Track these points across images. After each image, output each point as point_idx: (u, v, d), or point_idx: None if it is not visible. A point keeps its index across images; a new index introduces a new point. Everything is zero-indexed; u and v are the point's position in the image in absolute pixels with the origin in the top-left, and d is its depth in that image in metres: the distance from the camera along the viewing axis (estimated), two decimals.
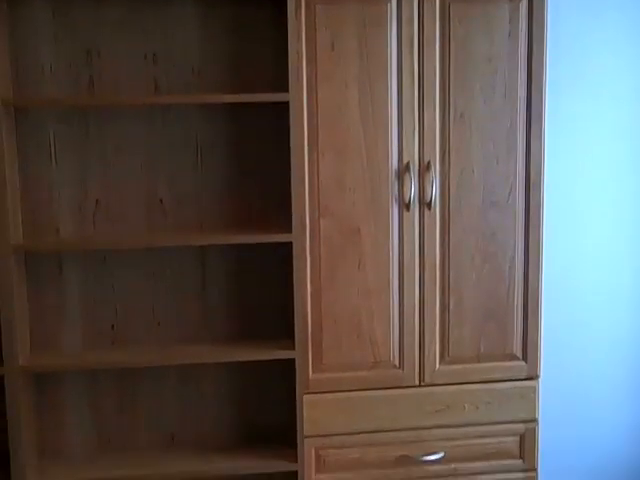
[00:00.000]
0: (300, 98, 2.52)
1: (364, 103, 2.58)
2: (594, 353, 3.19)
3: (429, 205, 2.64)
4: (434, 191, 2.64)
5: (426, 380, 2.72)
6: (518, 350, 2.75)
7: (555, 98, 2.88)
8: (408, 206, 2.63)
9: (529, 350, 2.74)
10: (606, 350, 3.20)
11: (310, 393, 2.65)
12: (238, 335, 2.73)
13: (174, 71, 2.61)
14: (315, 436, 2.67)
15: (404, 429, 2.72)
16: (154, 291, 2.69)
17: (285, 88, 2.48)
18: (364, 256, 2.63)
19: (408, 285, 2.66)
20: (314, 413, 2.66)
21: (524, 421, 2.77)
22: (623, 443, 3.26)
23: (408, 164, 2.62)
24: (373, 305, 2.65)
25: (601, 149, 3.09)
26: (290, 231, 2.51)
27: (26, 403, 2.54)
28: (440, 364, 2.72)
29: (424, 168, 2.63)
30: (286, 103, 2.48)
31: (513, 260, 2.71)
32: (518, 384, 2.76)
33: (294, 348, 2.56)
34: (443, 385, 2.73)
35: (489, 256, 2.70)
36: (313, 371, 2.65)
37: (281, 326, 2.69)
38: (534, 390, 2.76)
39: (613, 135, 3.09)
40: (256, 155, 2.67)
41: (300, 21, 2.49)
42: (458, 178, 2.65)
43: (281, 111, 2.53)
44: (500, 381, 2.75)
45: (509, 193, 2.68)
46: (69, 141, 2.60)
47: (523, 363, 2.75)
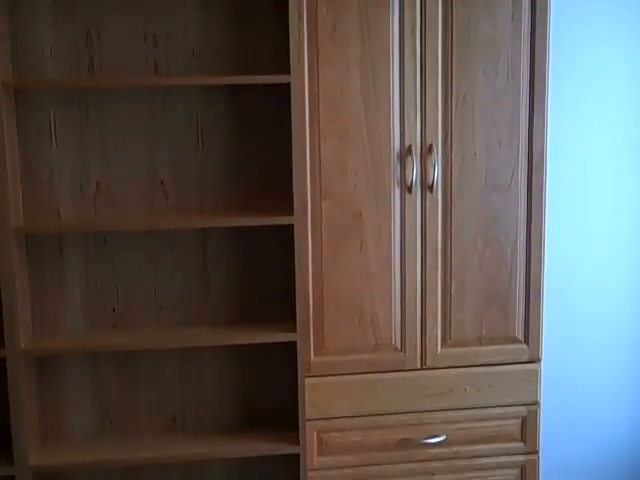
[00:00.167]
0: (301, 80, 2.51)
1: (366, 86, 2.56)
2: (595, 337, 3.19)
3: (431, 188, 2.63)
4: (436, 174, 2.63)
5: (428, 363, 2.72)
6: (520, 333, 2.74)
7: (558, 81, 2.86)
8: (410, 189, 2.62)
9: (531, 333, 2.74)
10: (607, 333, 3.20)
11: (312, 376, 2.65)
12: (239, 318, 2.72)
13: (174, 53, 2.58)
14: (317, 419, 2.68)
15: (406, 412, 2.72)
16: (155, 274, 2.68)
17: (286, 70, 2.46)
18: (366, 239, 2.62)
19: (410, 268, 2.66)
20: (316, 396, 2.66)
21: (526, 404, 2.77)
22: (624, 428, 3.27)
23: (410, 147, 2.61)
24: (375, 288, 2.65)
25: (604, 132, 3.08)
26: (292, 214, 2.50)
27: (28, 386, 2.54)
28: (442, 347, 2.72)
29: (426, 151, 2.62)
30: (287, 85, 2.46)
31: (515, 243, 2.70)
32: (520, 367, 2.76)
33: (295, 331, 2.56)
34: (445, 368, 2.73)
35: (491, 239, 2.69)
36: (315, 354, 2.65)
37: (283, 309, 2.69)
38: (536, 373, 2.76)
39: (616, 118, 3.08)
40: (257, 138, 2.65)
41: (301, 3, 2.48)
42: (460, 161, 2.64)
43: (282, 94, 2.51)
44: (502, 364, 2.75)
45: (511, 176, 2.67)
46: (69, 123, 2.59)
47: (525, 346, 2.75)
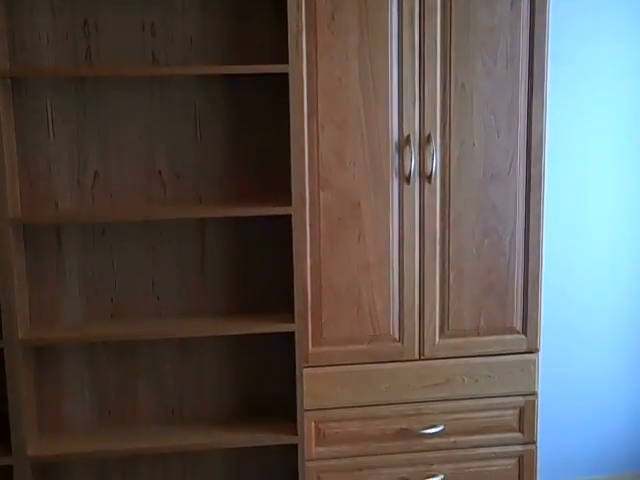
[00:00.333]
0: (300, 70, 2.50)
1: (364, 75, 2.55)
2: (594, 327, 3.19)
3: (429, 178, 2.62)
4: (434, 164, 2.62)
5: (426, 353, 2.72)
6: (518, 324, 2.74)
7: (557, 70, 2.86)
8: (408, 179, 2.62)
9: (529, 324, 2.74)
10: (606, 323, 3.20)
11: (310, 367, 2.65)
12: (237, 308, 2.72)
13: (172, 43, 2.58)
14: (315, 409, 2.68)
15: (404, 402, 2.72)
16: (153, 264, 2.68)
17: (285, 60, 2.45)
18: (364, 229, 2.62)
19: (408, 258, 2.65)
20: (314, 386, 2.66)
21: (523, 394, 2.77)
22: (622, 418, 3.28)
23: (408, 137, 2.60)
24: (373, 278, 2.65)
25: (603, 122, 3.07)
26: (290, 204, 2.50)
27: (26, 376, 2.54)
28: (440, 337, 2.72)
29: (424, 141, 2.61)
30: (285, 75, 2.45)
31: (513, 234, 2.70)
32: (518, 357, 2.76)
33: (293, 321, 2.56)
34: (443, 359, 2.73)
35: (489, 229, 2.69)
36: (313, 344, 2.65)
37: (281, 299, 2.68)
38: (534, 363, 2.76)
39: (615, 108, 3.07)
40: (256, 128, 2.65)
41: None
42: (459, 151, 2.63)
43: (281, 84, 2.50)
44: (500, 354, 2.75)
45: (510, 166, 2.66)
46: (67, 113, 2.58)
47: (523, 336, 2.75)
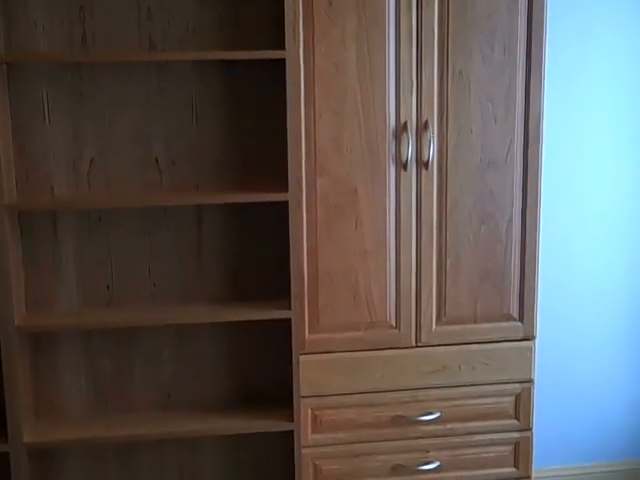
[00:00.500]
0: (296, 56, 2.49)
1: (361, 62, 2.54)
2: (591, 314, 3.20)
3: (426, 165, 2.62)
4: (432, 151, 2.61)
5: (422, 340, 2.72)
6: (515, 311, 2.74)
7: (555, 56, 2.85)
8: (405, 166, 2.61)
9: (525, 311, 2.74)
10: (604, 310, 3.20)
11: (306, 353, 2.65)
12: (234, 295, 2.72)
13: (169, 28, 2.56)
14: (311, 396, 2.68)
15: (400, 389, 2.73)
16: (150, 251, 2.67)
17: (282, 46, 2.44)
18: (361, 216, 2.61)
19: (405, 245, 2.65)
20: (310, 374, 2.66)
21: (520, 381, 2.78)
22: (619, 406, 3.28)
23: (406, 123, 2.59)
24: (370, 265, 2.64)
25: (601, 108, 3.06)
26: (287, 190, 2.49)
27: (22, 363, 2.54)
28: (436, 324, 2.72)
29: (422, 127, 2.61)
30: (283, 61, 2.44)
31: (510, 221, 2.70)
32: (514, 345, 2.76)
33: (290, 308, 2.56)
34: (440, 346, 2.73)
35: (486, 216, 2.69)
36: (309, 331, 2.65)
37: (277, 286, 2.68)
38: (530, 350, 2.77)
39: (614, 95, 3.06)
40: (252, 114, 2.63)
41: None
42: (456, 138, 2.63)
43: (278, 70, 2.49)
44: (496, 342, 2.75)
45: (507, 153, 2.66)
46: (63, 99, 2.56)
47: (519, 324, 2.75)
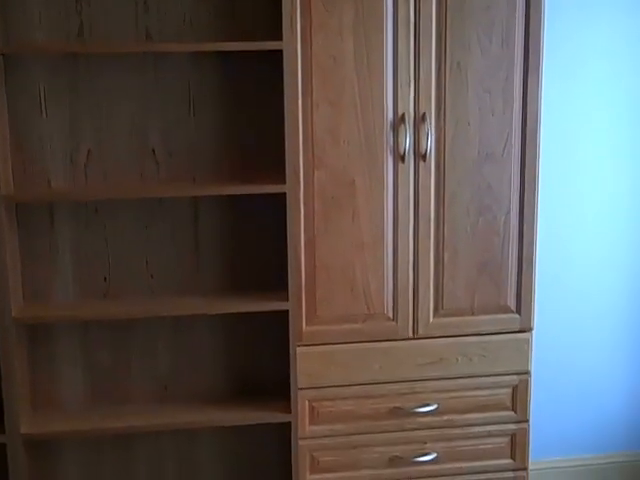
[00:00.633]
0: (294, 47, 2.48)
1: (359, 53, 2.54)
2: (589, 306, 3.20)
3: (424, 157, 2.62)
4: (429, 143, 2.61)
5: (420, 333, 2.72)
6: (512, 303, 2.75)
7: (553, 49, 2.84)
8: (403, 158, 2.61)
9: (523, 303, 2.74)
10: (602, 304, 3.21)
11: (304, 345, 2.65)
12: (231, 287, 2.72)
13: (166, 19, 2.55)
14: (309, 388, 2.68)
15: (397, 381, 2.73)
16: (147, 243, 2.67)
17: (279, 37, 2.43)
18: (358, 208, 2.61)
19: (402, 237, 2.65)
20: (308, 365, 2.66)
21: (517, 373, 2.78)
22: (616, 398, 3.29)
23: (403, 115, 2.59)
24: (367, 257, 2.64)
25: (600, 101, 3.06)
26: (284, 182, 2.49)
27: (19, 355, 2.54)
28: (434, 317, 2.72)
29: (419, 120, 2.60)
30: (280, 52, 2.44)
31: (508, 213, 2.69)
32: (511, 337, 2.76)
33: (287, 300, 2.56)
34: (437, 338, 2.73)
35: (484, 209, 2.68)
36: (307, 323, 2.65)
37: (275, 278, 2.68)
38: (527, 342, 2.77)
39: (613, 87, 3.06)
40: (250, 105, 2.63)
41: None
42: (453, 130, 2.62)
43: (275, 61, 2.49)
44: (494, 334, 2.75)
45: (505, 146, 2.66)
46: (60, 91, 2.55)
47: (517, 316, 2.76)
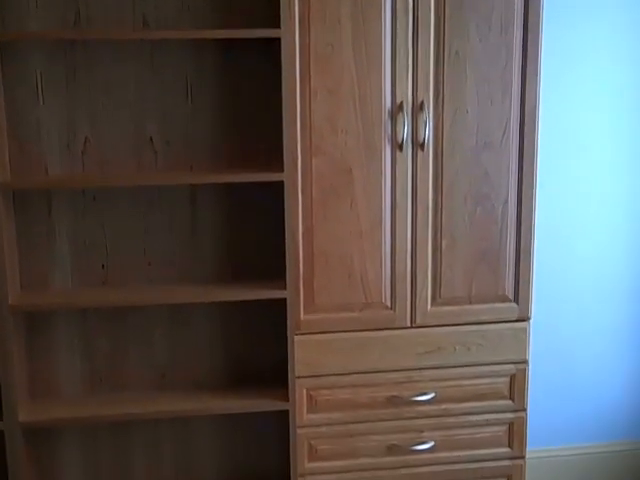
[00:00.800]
0: (292, 34, 2.47)
1: (357, 41, 2.53)
2: (587, 294, 3.21)
3: (422, 146, 2.61)
4: (427, 132, 2.61)
5: (417, 321, 2.72)
6: (510, 292, 2.75)
7: (552, 37, 2.84)
8: (401, 147, 2.60)
9: (521, 292, 2.74)
10: (603, 293, 3.21)
11: (301, 334, 2.65)
12: (229, 275, 2.72)
13: (164, 6, 2.54)
14: (306, 376, 2.68)
15: (395, 370, 2.73)
16: (145, 231, 2.66)
17: (277, 25, 2.42)
18: (356, 196, 2.61)
19: (400, 226, 2.65)
20: (305, 354, 2.66)
21: (514, 362, 2.78)
22: (615, 387, 3.30)
23: (401, 104, 2.58)
24: (365, 246, 2.64)
25: (598, 90, 3.06)
26: (282, 170, 2.48)
27: (17, 342, 2.54)
28: (432, 305, 2.72)
29: (417, 108, 2.60)
30: (278, 40, 2.43)
31: (506, 202, 2.69)
32: (509, 325, 2.76)
33: (285, 288, 2.56)
34: (435, 326, 2.73)
35: (482, 198, 2.68)
36: (305, 312, 2.65)
37: (273, 266, 2.67)
38: (525, 331, 2.77)
39: (613, 76, 3.05)
40: (248, 93, 2.63)
41: None
42: (452, 118, 2.62)
43: (273, 49, 2.48)
44: (491, 322, 2.75)
45: (503, 134, 2.65)
46: (56, 79, 2.55)
47: (515, 305, 2.76)
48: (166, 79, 2.60)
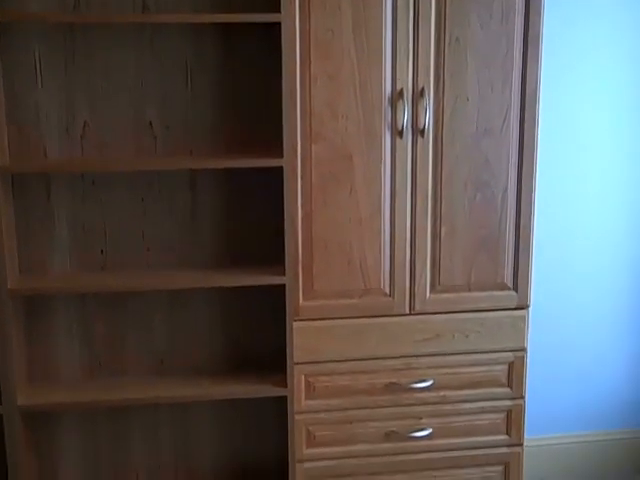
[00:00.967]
0: (292, 19, 2.46)
1: (358, 27, 2.52)
2: (587, 282, 3.21)
3: (422, 132, 2.61)
4: (427, 118, 2.60)
5: (416, 308, 2.72)
6: (509, 280, 2.74)
7: (552, 23, 2.82)
8: (401, 133, 2.60)
9: (520, 280, 2.74)
10: (601, 282, 3.21)
11: (300, 320, 2.65)
12: (228, 261, 2.72)
13: None
14: (305, 363, 2.68)
15: (394, 357, 2.73)
16: (144, 216, 2.66)
17: (278, 9, 2.41)
18: (356, 183, 2.60)
19: (400, 213, 2.64)
20: (304, 340, 2.66)
21: (513, 350, 2.78)
22: (614, 375, 3.31)
23: (402, 90, 2.57)
24: (364, 232, 2.64)
25: (599, 77, 3.05)
26: (281, 156, 2.48)
27: (15, 327, 2.54)
28: (431, 293, 2.72)
29: (418, 95, 2.59)
30: (278, 25, 2.42)
31: (506, 190, 2.69)
32: (508, 313, 2.76)
33: (284, 274, 2.55)
34: (433, 314, 2.73)
35: (482, 185, 2.68)
36: (303, 298, 2.65)
37: (272, 252, 2.67)
38: (523, 320, 2.77)
39: (612, 63, 3.04)
40: (247, 78, 2.62)
41: None
42: (452, 105, 2.61)
43: (273, 34, 2.47)
44: (490, 310, 2.76)
45: (504, 121, 2.64)
46: (55, 63, 2.54)
47: (513, 293, 2.76)
48: (166, 63, 2.59)
